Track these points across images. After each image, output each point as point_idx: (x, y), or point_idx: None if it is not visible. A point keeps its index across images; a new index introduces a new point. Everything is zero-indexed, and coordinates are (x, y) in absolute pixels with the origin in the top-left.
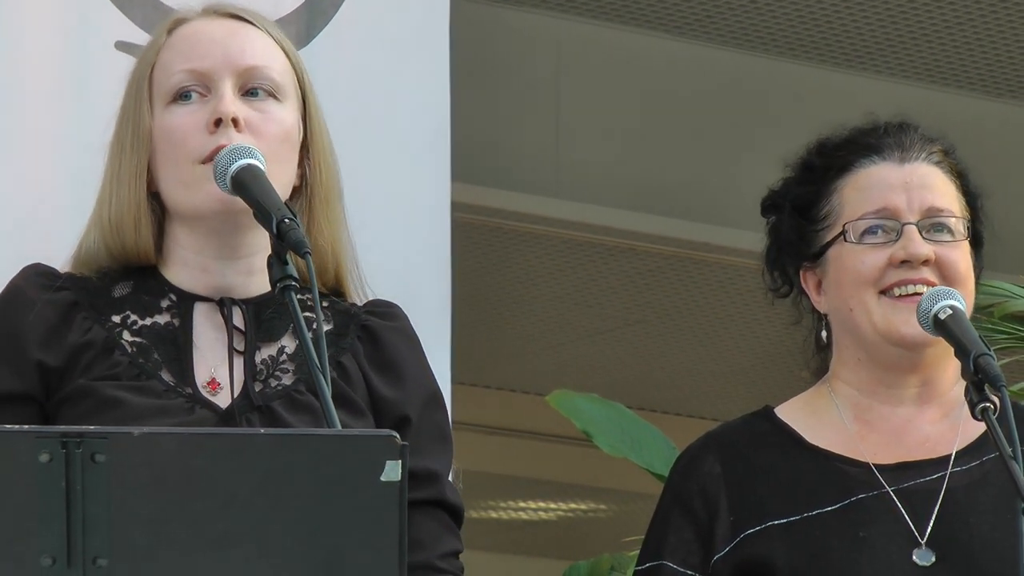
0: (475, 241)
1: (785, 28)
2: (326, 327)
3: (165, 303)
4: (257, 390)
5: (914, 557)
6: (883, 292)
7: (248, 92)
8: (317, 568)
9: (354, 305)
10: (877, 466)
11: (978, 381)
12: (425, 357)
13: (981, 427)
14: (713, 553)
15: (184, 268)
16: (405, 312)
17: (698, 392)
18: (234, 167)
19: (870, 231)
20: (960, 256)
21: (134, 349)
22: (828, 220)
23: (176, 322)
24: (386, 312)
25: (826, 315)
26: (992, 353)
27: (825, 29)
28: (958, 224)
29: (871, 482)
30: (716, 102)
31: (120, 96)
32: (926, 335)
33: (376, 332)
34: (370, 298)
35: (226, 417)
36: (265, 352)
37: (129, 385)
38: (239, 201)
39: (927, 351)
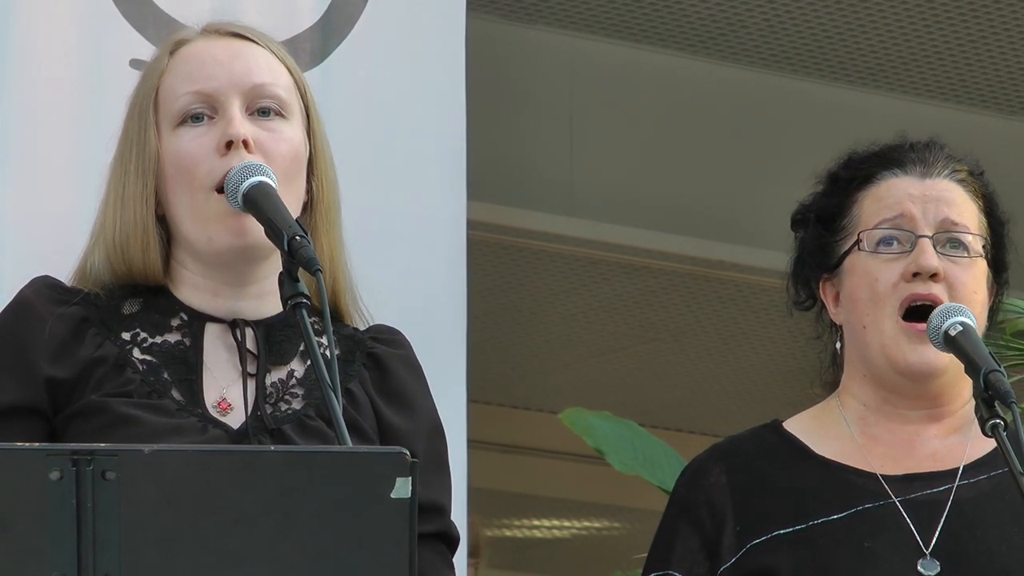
0: (490, 259)
1: (799, 46)
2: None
3: (175, 322)
4: (267, 413)
5: (919, 567)
6: (903, 317)
7: (256, 112)
8: None
9: (356, 330)
10: (884, 477)
11: (988, 398)
12: (428, 386)
13: (991, 443)
14: (719, 564)
15: (194, 290)
16: (420, 330)
17: (711, 410)
18: (245, 185)
19: (885, 241)
20: (970, 275)
21: (144, 367)
22: (846, 230)
23: (187, 341)
24: (391, 339)
25: (841, 327)
26: (1003, 370)
27: (840, 48)
28: (974, 241)
29: (877, 492)
30: (730, 120)
31: (122, 118)
32: (931, 364)
33: (382, 360)
34: (368, 319)
35: (238, 438)
36: (275, 375)
37: (142, 403)
38: (253, 233)
39: (932, 383)
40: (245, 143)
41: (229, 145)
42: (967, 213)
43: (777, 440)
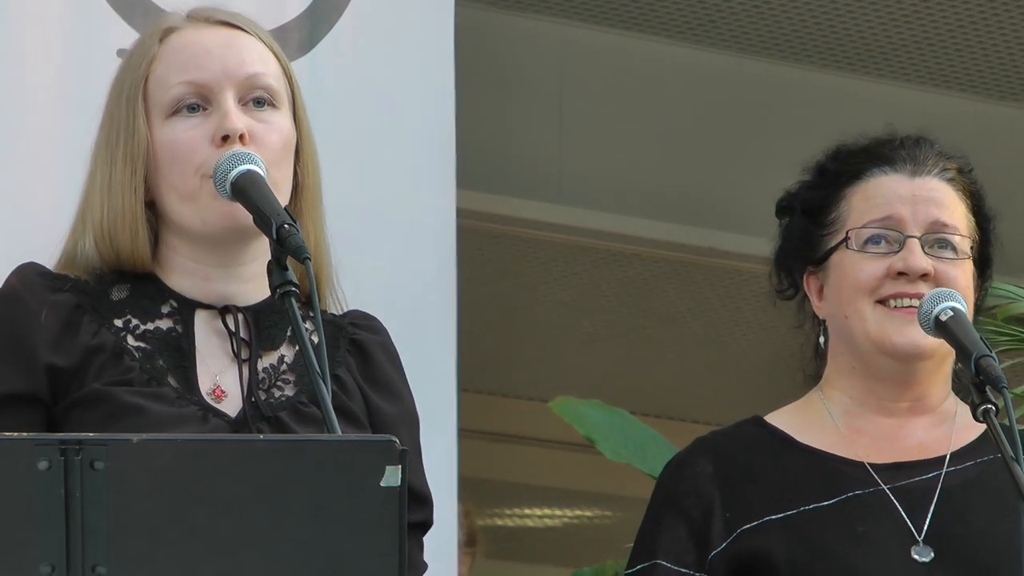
0: (479, 247)
1: (789, 33)
2: (316, 339)
3: (166, 309)
4: (262, 399)
5: (913, 554)
6: (879, 302)
7: (248, 101)
8: (317, 574)
9: (334, 315)
10: (871, 465)
11: (979, 383)
12: (404, 372)
13: (975, 433)
14: (709, 551)
15: (184, 275)
16: (410, 319)
17: (702, 398)
18: (234, 173)
19: (872, 240)
20: (959, 274)
21: (140, 354)
22: (834, 226)
23: (179, 328)
24: (370, 326)
25: (824, 321)
26: (994, 355)
27: (828, 34)
28: (962, 242)
29: (866, 480)
30: (719, 107)
31: (105, 101)
32: (918, 345)
33: (365, 347)
34: (343, 305)
35: (237, 426)
36: (266, 360)
37: (144, 392)
38: (245, 214)
39: (919, 365)
40: (240, 136)
41: (225, 138)
42: (956, 213)
43: (760, 432)
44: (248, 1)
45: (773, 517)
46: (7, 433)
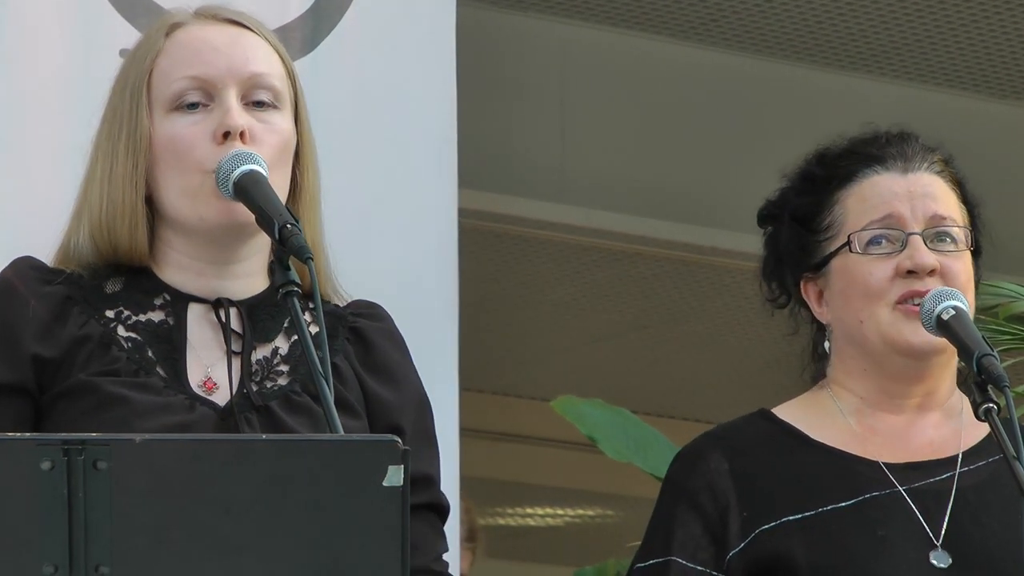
0: (481, 247)
1: (789, 32)
2: (315, 329)
3: (158, 301)
4: (254, 391)
5: (932, 559)
6: (896, 304)
7: (251, 101)
8: (320, 574)
9: (337, 306)
10: (886, 465)
11: (981, 382)
12: (411, 358)
13: (984, 430)
14: (727, 549)
15: (179, 270)
16: (411, 318)
17: (703, 396)
18: (236, 173)
19: (874, 241)
20: (963, 266)
21: (129, 344)
22: (831, 231)
23: (171, 320)
24: (372, 313)
25: (828, 325)
26: (995, 354)
27: (830, 33)
28: (960, 233)
29: (882, 480)
30: (721, 106)
31: (108, 95)
32: (933, 343)
33: (365, 334)
34: (345, 297)
35: (225, 415)
36: (260, 353)
37: (130, 382)
38: (243, 213)
39: (933, 361)
40: (241, 133)
41: (226, 135)
42: (951, 205)
43: (771, 427)
44: (251, 0)
45: (791, 518)
46: (10, 433)
